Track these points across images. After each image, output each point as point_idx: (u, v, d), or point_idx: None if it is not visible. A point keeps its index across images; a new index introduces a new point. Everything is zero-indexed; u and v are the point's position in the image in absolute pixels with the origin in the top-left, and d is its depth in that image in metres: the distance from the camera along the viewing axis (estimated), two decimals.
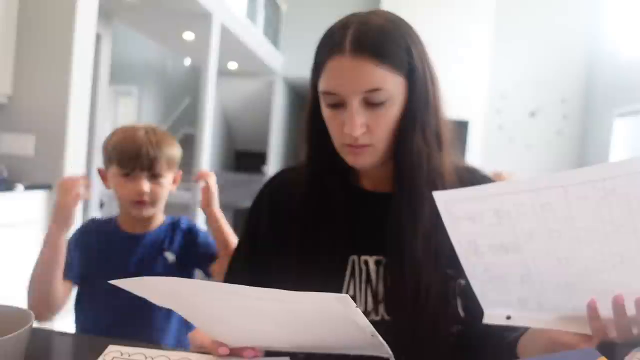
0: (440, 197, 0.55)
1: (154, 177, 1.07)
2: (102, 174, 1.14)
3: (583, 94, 7.66)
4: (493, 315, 0.59)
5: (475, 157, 7.19)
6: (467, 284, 0.59)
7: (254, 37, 6.56)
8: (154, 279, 0.54)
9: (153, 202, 1.09)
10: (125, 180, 1.06)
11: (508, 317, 0.58)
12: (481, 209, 0.53)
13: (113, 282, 0.54)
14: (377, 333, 0.56)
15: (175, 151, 1.12)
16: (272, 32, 7.79)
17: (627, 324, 0.50)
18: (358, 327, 0.54)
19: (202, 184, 1.11)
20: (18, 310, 0.60)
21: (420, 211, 0.69)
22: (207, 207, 1.11)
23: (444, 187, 0.70)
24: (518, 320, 0.58)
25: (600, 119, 7.08)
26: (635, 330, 0.51)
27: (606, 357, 0.46)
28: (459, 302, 0.71)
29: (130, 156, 1.04)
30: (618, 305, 0.50)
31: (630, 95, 6.27)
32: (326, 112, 0.70)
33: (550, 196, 0.49)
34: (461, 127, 7.05)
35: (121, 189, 1.07)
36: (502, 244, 0.54)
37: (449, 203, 0.54)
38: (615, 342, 0.51)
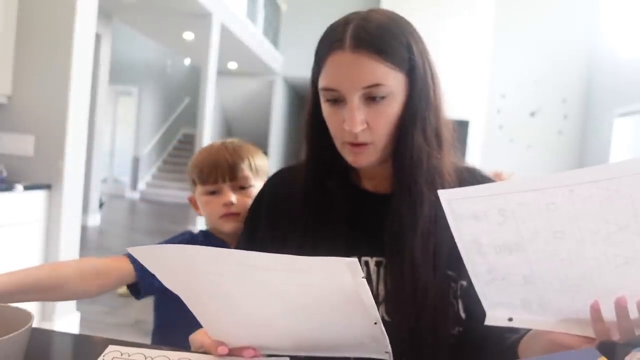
0: (445, 196, 0.54)
1: (241, 188, 1.02)
2: (193, 202, 1.10)
3: (583, 93, 7.67)
4: (495, 317, 0.58)
5: (475, 156, 7.20)
6: (469, 285, 0.59)
7: (253, 37, 6.56)
8: (166, 247, 0.54)
9: (243, 214, 1.00)
10: (211, 198, 1.02)
11: (510, 319, 0.58)
12: (486, 208, 0.52)
13: (129, 249, 0.54)
14: (380, 320, 0.56)
15: (259, 160, 1.06)
16: (272, 31, 7.80)
17: (630, 327, 0.50)
18: (363, 308, 0.54)
19: None
20: (18, 310, 0.59)
21: (420, 211, 0.69)
22: None
23: (443, 187, 0.70)
24: (520, 323, 0.57)
25: (601, 119, 7.08)
26: (638, 333, 0.50)
27: (606, 356, 0.46)
28: (460, 304, 0.71)
29: (209, 169, 1.00)
30: (621, 307, 0.50)
31: (630, 95, 6.27)
32: (326, 109, 0.70)
33: (556, 196, 0.49)
34: (461, 126, 7.03)
35: (208, 207, 1.02)
36: (506, 243, 0.53)
37: (454, 201, 0.54)
38: (616, 342, 0.51)
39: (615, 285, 0.50)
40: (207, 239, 1.08)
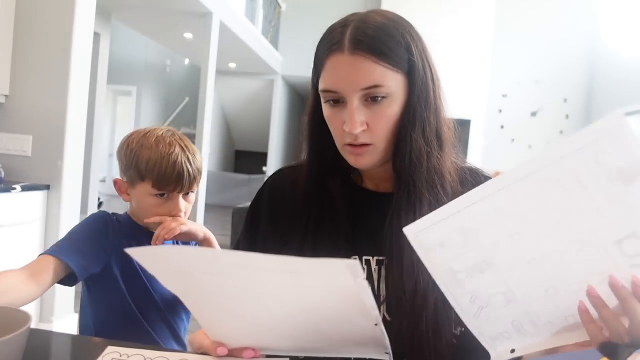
0: (410, 232, 0.53)
1: (186, 194, 1.03)
2: (121, 186, 1.04)
3: (585, 93, 7.67)
4: (499, 354, 0.58)
5: (476, 156, 7.20)
6: None
7: (253, 36, 6.55)
8: (165, 248, 0.53)
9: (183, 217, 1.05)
10: (160, 201, 1.00)
11: (512, 351, 0.58)
12: (447, 231, 0.52)
13: (128, 250, 0.54)
14: (380, 321, 0.55)
15: (201, 161, 1.07)
16: (272, 31, 7.79)
17: (613, 316, 0.50)
18: (364, 309, 0.54)
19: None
20: (16, 311, 0.59)
21: (419, 211, 0.69)
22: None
23: (443, 188, 0.70)
24: (523, 350, 0.57)
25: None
26: (625, 323, 0.50)
27: (608, 357, 0.46)
28: None
29: (170, 179, 0.98)
30: (593, 297, 0.50)
31: (631, 95, 6.27)
32: (326, 110, 0.70)
33: (500, 199, 0.49)
34: (462, 126, 6.99)
35: (154, 209, 1.00)
36: (475, 262, 0.53)
37: (419, 234, 0.53)
38: (618, 343, 0.51)
39: (586, 275, 0.50)
40: (125, 224, 1.04)
